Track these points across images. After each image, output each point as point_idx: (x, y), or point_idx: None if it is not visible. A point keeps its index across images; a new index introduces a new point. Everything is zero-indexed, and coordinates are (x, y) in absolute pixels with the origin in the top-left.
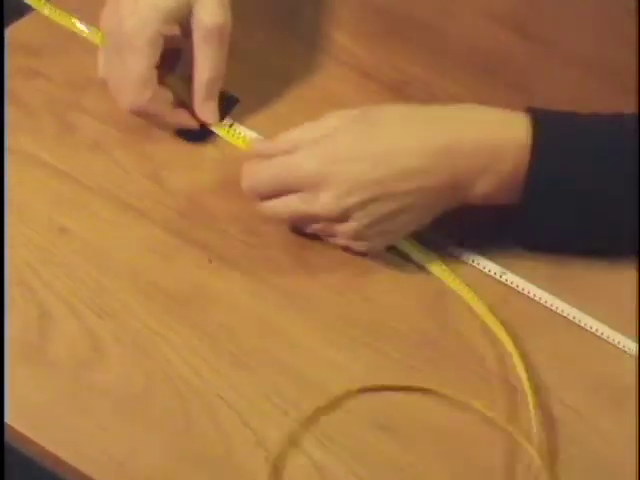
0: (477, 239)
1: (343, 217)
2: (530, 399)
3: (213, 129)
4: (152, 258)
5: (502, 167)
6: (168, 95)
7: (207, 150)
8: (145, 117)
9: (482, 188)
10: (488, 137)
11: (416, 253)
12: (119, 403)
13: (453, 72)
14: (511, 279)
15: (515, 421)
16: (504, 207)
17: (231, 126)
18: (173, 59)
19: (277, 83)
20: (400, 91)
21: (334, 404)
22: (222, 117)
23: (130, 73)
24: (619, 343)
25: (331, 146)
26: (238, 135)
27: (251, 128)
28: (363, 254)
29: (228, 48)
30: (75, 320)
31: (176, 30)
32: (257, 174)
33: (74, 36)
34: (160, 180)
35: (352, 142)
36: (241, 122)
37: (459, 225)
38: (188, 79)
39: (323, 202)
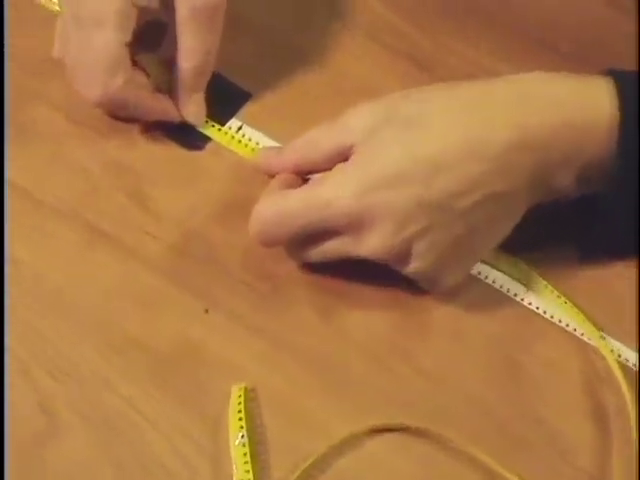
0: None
1: (401, 257)
2: None
3: (210, 135)
4: (129, 305)
5: (586, 152)
6: (144, 80)
7: (205, 161)
8: (116, 109)
9: (562, 181)
10: (563, 118)
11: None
12: None
13: (503, 46)
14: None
15: None
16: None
17: (239, 130)
18: (152, 37)
19: (296, 68)
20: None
21: None
22: (228, 118)
23: (96, 53)
24: None
25: (367, 167)
26: (247, 142)
27: (266, 132)
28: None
29: (223, 25)
30: (23, 381)
31: (153, 1)
32: (271, 219)
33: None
34: (142, 199)
35: (392, 158)
36: (253, 125)
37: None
38: (170, 64)
39: (371, 245)
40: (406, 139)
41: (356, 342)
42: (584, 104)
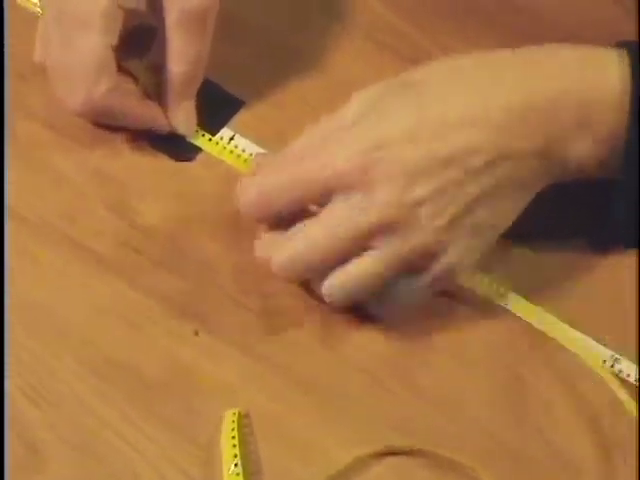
0: None
1: (409, 222)
2: None
3: (200, 145)
4: (115, 326)
5: (597, 119)
6: (131, 86)
7: (195, 172)
8: (101, 117)
9: (577, 153)
10: (574, 86)
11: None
12: None
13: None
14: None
15: None
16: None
17: (231, 140)
18: (140, 41)
19: (292, 73)
20: None
21: None
22: (219, 127)
23: (79, 57)
24: None
25: (369, 130)
26: (239, 153)
27: (260, 142)
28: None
29: (215, 28)
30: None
31: (141, 3)
32: (264, 184)
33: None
34: (128, 213)
35: (396, 118)
36: (246, 134)
37: None
38: (159, 70)
39: (381, 201)
40: (411, 101)
41: (354, 363)
42: (594, 69)
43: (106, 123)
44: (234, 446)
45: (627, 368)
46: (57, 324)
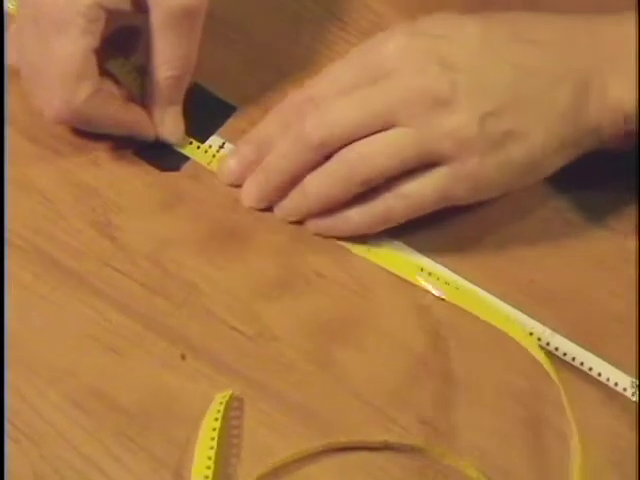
0: None
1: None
2: None
3: (188, 154)
4: (97, 353)
5: (627, 66)
6: (114, 90)
7: (181, 184)
8: (83, 125)
9: (616, 92)
10: (603, 32)
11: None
12: None
13: None
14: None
15: None
16: None
17: (221, 148)
18: (125, 43)
19: (287, 76)
20: None
21: None
22: (209, 134)
23: (57, 61)
24: None
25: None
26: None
27: None
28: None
29: (204, 29)
30: None
31: (124, 2)
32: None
33: None
34: (108, 229)
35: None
36: (236, 142)
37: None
38: (144, 73)
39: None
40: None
41: (354, 392)
42: (616, 24)
43: (87, 130)
44: (216, 419)
45: (623, 381)
46: (33, 352)
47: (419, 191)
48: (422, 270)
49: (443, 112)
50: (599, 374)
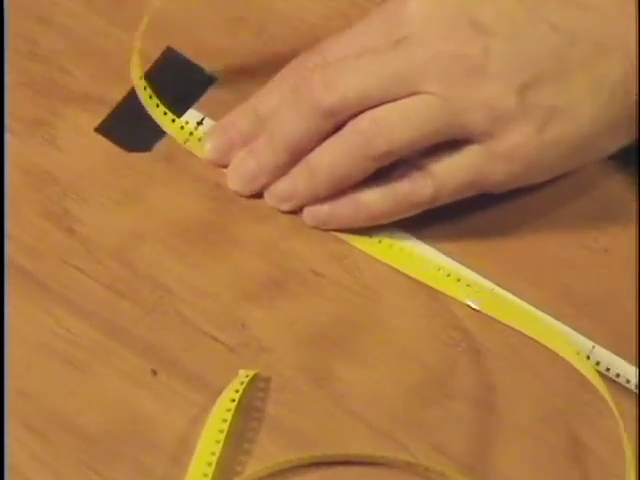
0: None
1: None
2: None
3: (165, 128)
4: (55, 368)
5: None
6: None
7: (151, 166)
8: None
9: None
10: None
11: None
12: None
13: None
14: None
15: None
16: None
17: (200, 124)
18: None
19: (276, 38)
20: None
21: None
22: (185, 107)
23: None
24: None
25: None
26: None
27: None
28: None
29: None
30: None
31: None
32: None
33: None
34: (69, 221)
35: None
36: (218, 118)
37: None
38: None
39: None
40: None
41: (356, 414)
42: None
43: None
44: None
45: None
46: None
47: (449, 171)
48: (440, 270)
49: (475, 81)
50: None
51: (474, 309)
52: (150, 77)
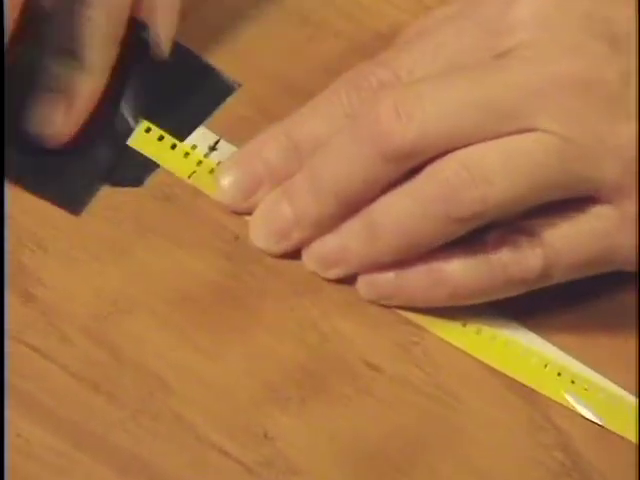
0: None
1: None
2: None
3: (157, 160)
4: None
5: None
6: None
7: (145, 208)
8: None
9: None
10: None
11: None
12: None
13: None
14: None
15: None
16: None
17: (213, 149)
18: None
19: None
20: None
21: None
22: (193, 125)
23: None
24: None
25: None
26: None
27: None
28: None
29: None
30: None
31: None
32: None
33: None
34: (25, 282)
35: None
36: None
37: None
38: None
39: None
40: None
41: (336, 449)
42: None
43: None
44: None
45: None
46: None
47: (566, 239)
48: (546, 367)
49: (610, 117)
50: None
51: (592, 422)
52: None
